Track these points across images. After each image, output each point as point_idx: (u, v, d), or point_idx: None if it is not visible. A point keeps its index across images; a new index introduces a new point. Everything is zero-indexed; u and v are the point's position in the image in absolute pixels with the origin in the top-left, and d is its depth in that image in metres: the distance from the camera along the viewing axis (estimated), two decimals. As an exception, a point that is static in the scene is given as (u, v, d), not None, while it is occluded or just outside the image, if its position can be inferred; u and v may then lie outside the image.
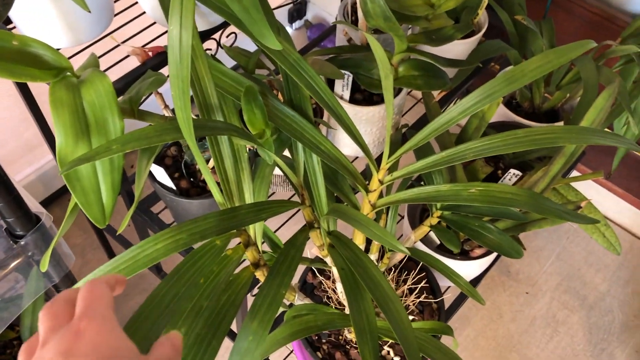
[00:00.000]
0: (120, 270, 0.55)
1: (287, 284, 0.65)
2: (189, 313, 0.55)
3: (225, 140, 0.62)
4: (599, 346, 1.34)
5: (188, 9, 0.48)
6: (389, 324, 0.80)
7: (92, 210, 0.59)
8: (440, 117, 0.67)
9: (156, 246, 0.55)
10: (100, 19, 0.80)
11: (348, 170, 0.72)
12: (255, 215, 0.62)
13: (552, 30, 1.11)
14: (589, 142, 0.65)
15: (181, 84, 0.49)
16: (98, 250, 1.42)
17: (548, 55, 0.62)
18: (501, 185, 0.70)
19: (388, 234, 0.57)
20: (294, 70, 0.63)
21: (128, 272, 0.55)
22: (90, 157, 0.51)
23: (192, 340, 0.57)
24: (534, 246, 1.49)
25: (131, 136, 0.52)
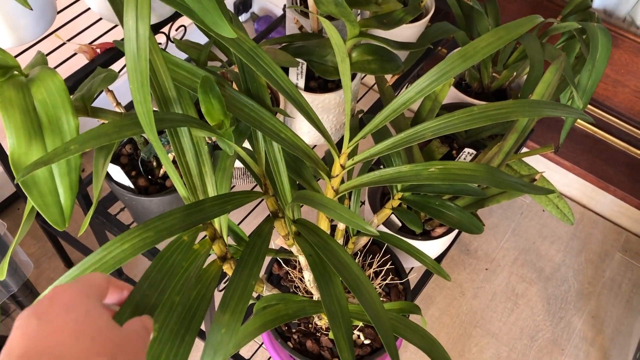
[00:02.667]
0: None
1: (256, 274, 0.65)
2: (161, 309, 0.54)
3: (185, 133, 0.61)
4: (558, 315, 1.38)
5: (145, 1, 0.47)
6: (359, 307, 0.81)
7: (50, 213, 0.57)
8: (398, 99, 0.67)
9: (123, 246, 0.54)
10: (43, 17, 0.77)
11: (310, 157, 0.72)
12: (221, 207, 0.62)
13: (496, 10, 1.14)
14: (542, 114, 0.67)
15: (140, 77, 0.48)
16: (54, 258, 1.38)
17: (498, 31, 0.64)
18: (460, 163, 0.72)
19: (356, 215, 0.58)
20: (250, 59, 0.63)
21: None
22: (48, 159, 0.49)
23: (166, 336, 0.56)
24: (490, 223, 1.53)
25: (89, 134, 0.51)
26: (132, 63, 0.48)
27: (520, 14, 1.51)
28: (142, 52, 0.47)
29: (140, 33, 0.47)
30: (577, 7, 1.19)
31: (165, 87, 0.59)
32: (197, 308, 0.60)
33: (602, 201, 1.54)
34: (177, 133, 0.60)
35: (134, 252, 0.53)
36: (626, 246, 1.51)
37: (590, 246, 1.51)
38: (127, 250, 0.53)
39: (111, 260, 0.53)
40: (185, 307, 0.60)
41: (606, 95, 1.58)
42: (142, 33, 0.47)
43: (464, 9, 1.13)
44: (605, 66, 1.08)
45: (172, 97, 0.59)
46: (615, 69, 1.52)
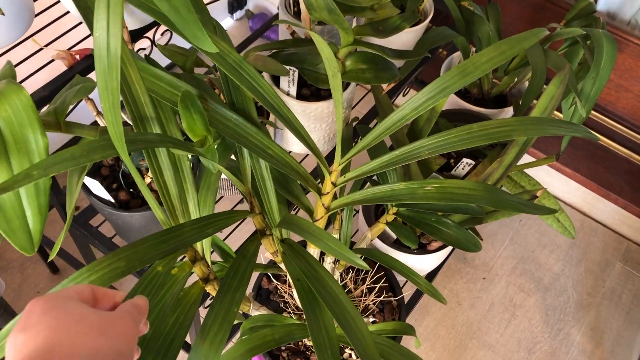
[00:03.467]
0: None
1: (239, 301, 0.61)
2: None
3: (163, 151, 0.57)
4: (556, 327, 1.35)
5: (116, 12, 0.42)
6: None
7: (17, 239, 0.53)
8: (393, 115, 0.63)
9: (90, 278, 0.50)
10: (19, 21, 0.73)
11: (299, 174, 0.68)
12: (200, 232, 0.58)
13: (498, 15, 1.10)
14: (545, 133, 0.63)
15: (111, 97, 0.44)
16: (38, 264, 1.34)
17: (500, 46, 0.60)
18: (457, 181, 0.68)
19: (344, 247, 0.54)
20: (235, 72, 0.58)
21: None
22: (8, 186, 0.45)
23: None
24: (488, 231, 1.49)
25: (55, 158, 0.47)
26: (102, 82, 0.44)
27: (521, 16, 1.47)
28: (113, 70, 0.43)
29: (112, 48, 0.42)
30: (582, 11, 1.14)
31: (141, 103, 0.55)
32: (175, 336, 0.57)
33: (602, 209, 1.50)
34: (154, 152, 0.56)
35: (102, 283, 0.49)
36: (627, 256, 1.48)
37: (590, 255, 1.47)
38: (96, 282, 0.49)
39: None
40: (162, 335, 0.56)
41: (609, 100, 1.54)
42: (114, 49, 0.42)
43: (464, 14, 1.08)
44: (609, 73, 1.04)
45: (148, 114, 0.55)
46: (619, 73, 1.48)
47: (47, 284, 1.31)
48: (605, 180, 1.46)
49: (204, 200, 0.68)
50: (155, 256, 0.52)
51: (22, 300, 1.27)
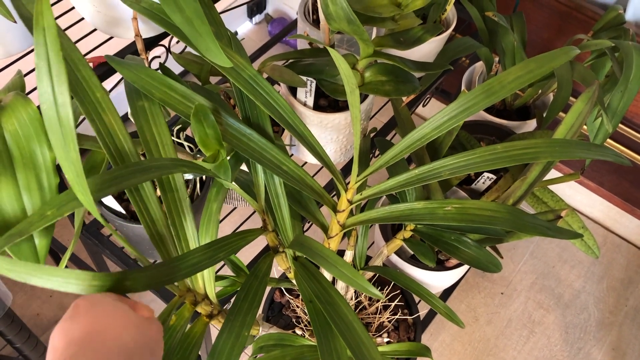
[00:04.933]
0: None
1: (250, 324, 0.59)
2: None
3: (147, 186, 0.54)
4: (576, 346, 1.31)
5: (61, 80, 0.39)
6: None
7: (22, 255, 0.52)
8: (413, 134, 0.61)
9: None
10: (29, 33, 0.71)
11: (314, 191, 0.66)
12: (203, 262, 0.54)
13: (523, 25, 1.07)
14: (573, 156, 0.60)
15: (73, 167, 0.41)
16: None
17: (529, 64, 0.57)
18: (479, 202, 0.65)
19: (358, 275, 0.51)
20: (249, 87, 0.56)
21: None
22: (23, 230, 0.44)
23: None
24: (507, 245, 1.45)
25: (67, 196, 0.45)
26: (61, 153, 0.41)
27: (547, 24, 1.43)
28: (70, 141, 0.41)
29: (64, 119, 0.40)
30: (610, 22, 1.11)
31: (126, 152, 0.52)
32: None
33: (627, 225, 1.46)
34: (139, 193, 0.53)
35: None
36: (651, 273, 1.43)
37: (612, 272, 1.43)
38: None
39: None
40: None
41: (635, 112, 1.49)
42: (66, 118, 0.40)
43: (488, 23, 1.05)
44: (639, 87, 1.00)
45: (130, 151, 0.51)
46: (647, 85, 1.43)
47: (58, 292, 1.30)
48: (630, 195, 1.42)
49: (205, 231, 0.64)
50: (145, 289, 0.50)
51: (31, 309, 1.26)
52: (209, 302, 0.60)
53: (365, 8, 0.73)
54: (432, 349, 1.28)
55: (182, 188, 0.57)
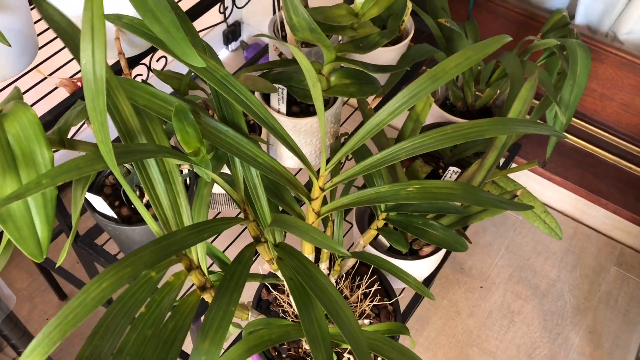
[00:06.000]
0: (71, 319, 0.53)
1: (236, 300, 0.65)
2: (133, 343, 0.54)
3: (153, 165, 0.61)
4: (555, 331, 1.38)
5: (100, 41, 0.47)
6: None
7: (27, 246, 0.58)
8: (372, 120, 0.68)
9: (102, 286, 0.54)
10: (24, 54, 0.79)
11: (288, 181, 0.72)
12: (196, 236, 0.62)
13: (475, 31, 1.16)
14: (514, 131, 0.68)
15: (99, 117, 0.49)
16: (47, 292, 1.38)
17: (467, 52, 0.65)
18: (437, 182, 0.72)
19: (327, 237, 0.58)
20: (223, 87, 0.64)
21: (79, 318, 0.53)
22: (20, 194, 0.50)
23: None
24: (484, 242, 1.52)
25: (61, 169, 0.51)
26: (91, 104, 0.48)
27: (500, 31, 1.53)
28: (100, 94, 0.48)
29: (98, 75, 0.47)
30: (556, 24, 1.20)
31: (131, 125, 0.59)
32: (174, 341, 0.60)
33: (594, 215, 1.54)
34: (145, 166, 0.60)
35: (113, 289, 0.53)
36: (621, 259, 1.51)
37: (584, 261, 1.50)
38: (107, 289, 0.53)
39: (92, 302, 0.53)
40: (161, 340, 0.60)
41: (594, 109, 1.59)
42: (100, 74, 0.47)
43: (444, 31, 1.14)
44: (586, 80, 1.09)
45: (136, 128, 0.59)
46: (601, 83, 1.54)
47: (56, 311, 1.35)
48: (594, 187, 1.50)
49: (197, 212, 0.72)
50: (157, 260, 0.57)
51: (32, 327, 1.30)
52: (202, 273, 0.66)
53: (325, 18, 0.81)
54: (418, 344, 1.34)
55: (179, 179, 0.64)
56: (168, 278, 0.62)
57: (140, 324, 0.55)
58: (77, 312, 0.48)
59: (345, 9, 0.84)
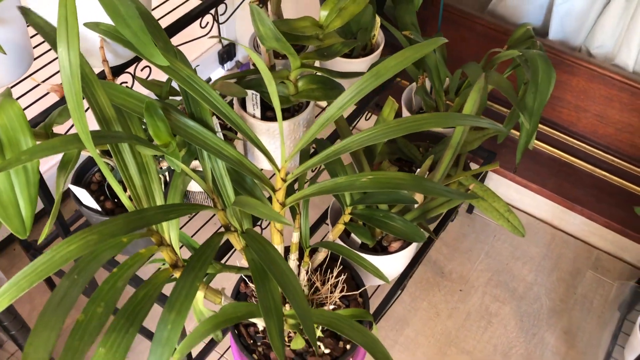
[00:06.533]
0: (39, 272, 0.61)
1: (201, 277, 0.72)
2: (107, 292, 0.61)
3: (127, 149, 0.69)
4: (531, 332, 1.43)
5: (73, 33, 0.56)
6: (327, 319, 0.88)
7: (12, 223, 0.66)
8: (324, 114, 0.76)
9: (69, 247, 0.62)
10: (20, 63, 0.88)
11: (252, 172, 0.80)
12: (163, 215, 0.70)
13: (442, 45, 1.24)
14: (452, 124, 0.75)
15: (75, 97, 0.57)
16: (46, 293, 1.45)
17: (406, 52, 0.73)
18: (389, 173, 0.80)
19: (273, 210, 0.65)
20: (188, 84, 0.72)
21: (46, 272, 0.60)
22: (2, 167, 0.58)
23: (111, 327, 0.63)
24: (464, 247, 1.58)
25: (39, 147, 0.59)
26: (67, 86, 0.57)
27: (472, 44, 1.61)
28: (74, 76, 0.56)
29: (72, 60, 0.56)
30: (521, 37, 1.28)
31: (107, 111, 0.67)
32: (143, 305, 0.67)
33: (572, 222, 1.60)
34: (120, 150, 0.68)
35: (79, 252, 0.61)
36: (597, 264, 1.56)
37: (561, 265, 1.56)
38: (73, 251, 0.61)
39: (59, 260, 0.60)
40: (132, 304, 0.67)
41: (570, 120, 1.66)
42: (74, 60, 0.56)
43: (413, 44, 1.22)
44: (549, 89, 1.16)
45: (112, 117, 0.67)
46: (575, 95, 1.61)
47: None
48: (570, 194, 1.56)
49: (172, 201, 0.81)
50: (123, 231, 0.64)
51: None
52: (174, 252, 0.73)
53: (290, 29, 0.90)
54: (398, 343, 1.40)
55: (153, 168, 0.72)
56: (140, 250, 0.69)
57: (113, 279, 0.62)
58: (45, 267, 0.56)
59: (310, 21, 0.92)
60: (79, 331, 0.57)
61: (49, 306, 0.51)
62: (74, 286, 0.53)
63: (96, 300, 0.61)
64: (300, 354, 0.99)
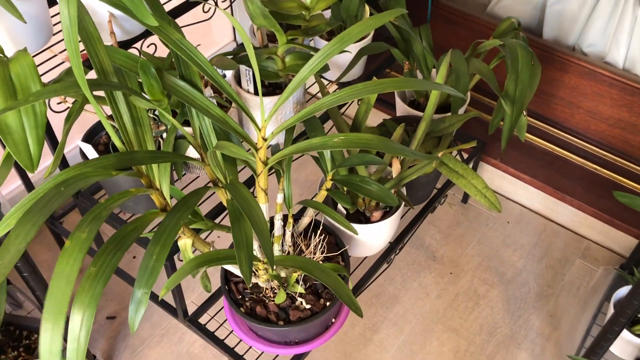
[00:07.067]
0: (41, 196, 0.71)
1: (185, 217, 0.81)
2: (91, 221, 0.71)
3: (122, 101, 0.80)
4: (517, 314, 1.48)
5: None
6: (283, 257, 0.97)
7: (22, 158, 0.77)
8: (296, 78, 0.85)
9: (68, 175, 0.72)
10: (39, 35, 1.00)
11: (235, 130, 0.90)
12: (150, 159, 0.80)
13: (428, 34, 1.33)
14: (412, 87, 0.84)
15: (73, 45, 0.68)
16: (53, 251, 1.57)
17: (368, 21, 0.82)
18: (359, 134, 0.89)
19: (241, 149, 0.75)
20: (177, 46, 0.82)
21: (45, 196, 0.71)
22: (13, 106, 0.69)
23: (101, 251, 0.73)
24: (456, 234, 1.65)
25: (44, 90, 0.71)
26: (67, 36, 0.68)
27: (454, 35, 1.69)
28: (72, 27, 0.67)
29: (71, 15, 0.66)
30: (505, 29, 1.36)
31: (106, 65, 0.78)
32: (130, 236, 0.77)
33: (562, 212, 1.65)
34: (115, 100, 0.79)
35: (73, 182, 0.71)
36: (586, 253, 1.61)
37: (551, 253, 1.61)
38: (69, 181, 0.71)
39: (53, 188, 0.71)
40: (122, 234, 0.77)
41: (564, 117, 1.72)
42: (72, 14, 0.66)
43: (403, 34, 1.32)
44: (528, 76, 1.23)
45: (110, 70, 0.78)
46: (568, 92, 1.67)
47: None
48: (560, 185, 1.62)
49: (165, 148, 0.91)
50: (114, 167, 0.74)
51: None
52: (162, 195, 0.83)
53: (277, 8, 1.00)
54: (387, 319, 1.47)
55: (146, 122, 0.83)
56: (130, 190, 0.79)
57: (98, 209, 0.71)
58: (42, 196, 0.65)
59: (297, 2, 1.03)
60: (66, 256, 0.65)
61: (35, 207, 0.61)
62: (58, 195, 0.63)
63: (81, 227, 0.70)
64: (283, 309, 1.08)
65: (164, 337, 1.45)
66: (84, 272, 0.63)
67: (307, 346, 1.12)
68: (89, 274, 0.68)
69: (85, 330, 0.62)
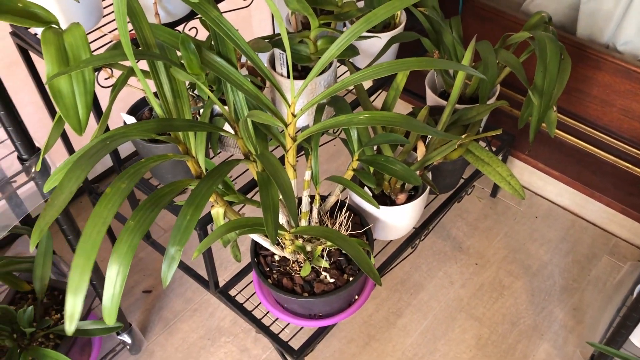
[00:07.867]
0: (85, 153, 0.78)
1: (217, 183, 0.87)
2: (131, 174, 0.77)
3: (163, 72, 0.86)
4: (540, 306, 1.50)
5: None
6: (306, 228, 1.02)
7: (71, 121, 0.84)
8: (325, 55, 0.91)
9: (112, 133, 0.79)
10: (91, 16, 1.08)
11: (268, 107, 0.96)
12: (187, 127, 0.86)
13: (458, 25, 1.36)
14: (435, 66, 0.88)
15: (121, 17, 0.74)
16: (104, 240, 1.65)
17: (394, 3, 0.87)
18: (383, 112, 0.93)
19: (270, 116, 0.80)
20: (215, 23, 0.88)
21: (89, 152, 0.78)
22: (66, 71, 0.76)
23: (140, 207, 0.79)
24: (484, 226, 1.68)
25: (92, 58, 0.78)
26: (117, 7, 0.74)
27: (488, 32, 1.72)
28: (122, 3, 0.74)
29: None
30: (536, 23, 1.38)
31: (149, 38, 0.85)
32: (166, 196, 0.83)
33: (591, 209, 1.66)
34: (157, 72, 0.86)
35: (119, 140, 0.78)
36: (614, 250, 1.61)
37: (578, 249, 1.62)
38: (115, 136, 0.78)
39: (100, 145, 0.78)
40: (159, 194, 0.83)
41: (596, 115, 1.73)
42: None
43: (434, 25, 1.36)
44: (557, 69, 1.26)
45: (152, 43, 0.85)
46: (601, 89, 1.68)
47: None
48: (590, 181, 1.63)
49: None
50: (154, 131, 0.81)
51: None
52: (197, 162, 0.89)
53: (311, -6, 1.06)
54: (411, 306, 1.51)
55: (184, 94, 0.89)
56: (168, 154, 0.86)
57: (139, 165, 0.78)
58: (90, 148, 0.71)
59: (329, -11, 1.08)
60: (105, 201, 0.71)
61: (84, 155, 0.67)
62: (104, 148, 0.70)
63: (122, 178, 0.76)
64: (308, 282, 1.13)
65: (196, 311, 1.51)
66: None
67: (331, 320, 1.17)
68: (127, 227, 0.74)
69: (121, 278, 0.68)
